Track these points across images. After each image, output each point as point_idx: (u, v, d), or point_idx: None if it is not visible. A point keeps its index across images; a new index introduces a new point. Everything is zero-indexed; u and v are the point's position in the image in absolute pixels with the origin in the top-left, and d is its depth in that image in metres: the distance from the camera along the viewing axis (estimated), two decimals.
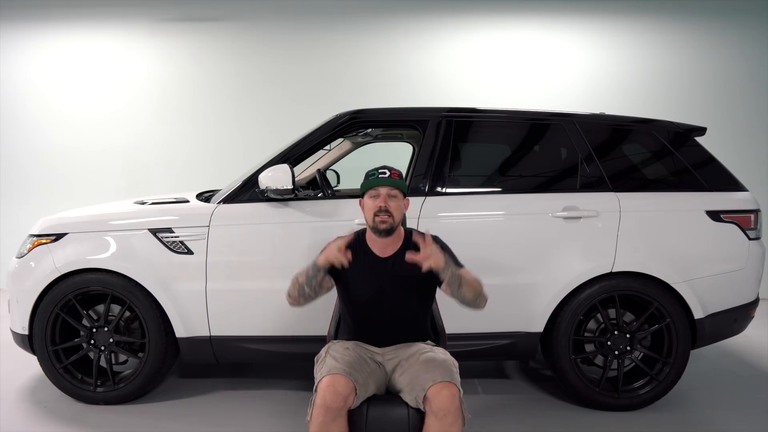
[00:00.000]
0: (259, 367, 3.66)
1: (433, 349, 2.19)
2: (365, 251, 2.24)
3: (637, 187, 3.11)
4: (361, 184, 2.26)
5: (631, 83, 5.64)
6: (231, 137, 5.74)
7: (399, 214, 2.20)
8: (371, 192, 2.20)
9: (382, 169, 2.23)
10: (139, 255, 2.92)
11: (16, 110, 5.74)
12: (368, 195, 2.21)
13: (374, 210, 2.17)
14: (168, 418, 2.95)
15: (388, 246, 2.23)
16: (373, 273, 2.21)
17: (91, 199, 4.97)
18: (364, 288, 2.22)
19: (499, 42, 5.70)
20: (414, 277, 2.16)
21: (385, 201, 2.16)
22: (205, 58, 5.72)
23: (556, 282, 2.92)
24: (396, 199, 2.19)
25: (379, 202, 2.16)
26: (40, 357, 3.02)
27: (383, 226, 2.16)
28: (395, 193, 2.19)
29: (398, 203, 2.19)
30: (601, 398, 3.01)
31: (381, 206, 2.15)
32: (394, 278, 2.20)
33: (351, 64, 5.71)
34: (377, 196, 2.18)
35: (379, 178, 2.20)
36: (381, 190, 2.18)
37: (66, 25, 5.69)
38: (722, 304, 3.03)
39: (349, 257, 2.07)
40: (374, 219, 2.17)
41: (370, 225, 2.20)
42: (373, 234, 2.21)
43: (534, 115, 3.22)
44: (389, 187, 2.19)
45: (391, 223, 2.16)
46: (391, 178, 2.20)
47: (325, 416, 1.90)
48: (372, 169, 2.26)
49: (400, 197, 2.21)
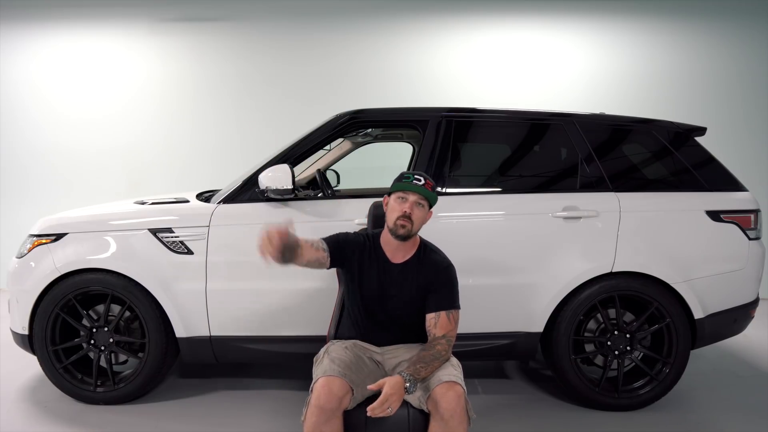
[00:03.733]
0: (259, 367, 3.66)
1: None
2: (377, 251, 2.25)
3: (637, 187, 3.11)
4: (394, 180, 2.24)
5: (631, 83, 5.64)
6: (231, 137, 5.74)
7: (419, 223, 2.19)
8: (400, 194, 2.18)
9: (418, 175, 2.20)
10: (139, 255, 2.92)
11: (16, 110, 5.74)
12: (396, 196, 2.19)
13: (398, 213, 2.14)
14: (168, 418, 2.95)
15: (400, 251, 2.23)
16: (381, 275, 2.22)
17: (91, 199, 4.97)
18: (370, 288, 2.22)
19: (499, 42, 5.70)
20: (419, 288, 2.18)
21: (411, 207, 2.14)
22: (205, 58, 5.72)
23: (556, 282, 2.92)
24: (422, 209, 2.17)
25: (405, 207, 2.14)
26: (40, 357, 3.02)
27: (402, 231, 2.14)
28: (423, 203, 2.18)
29: (422, 212, 2.18)
30: (601, 398, 3.01)
31: (406, 211, 2.13)
32: (401, 286, 2.21)
33: (351, 64, 5.71)
34: (405, 200, 2.16)
35: (412, 183, 2.17)
36: (410, 197, 2.16)
37: (66, 25, 5.69)
38: (722, 304, 3.03)
39: (274, 254, 1.94)
40: (395, 222, 2.15)
41: (390, 226, 2.19)
42: (390, 235, 2.20)
43: (534, 115, 3.21)
44: (419, 196, 2.16)
45: (409, 230, 2.15)
46: (424, 187, 2.17)
47: (319, 417, 1.90)
48: (408, 172, 2.23)
49: (426, 208, 2.20)
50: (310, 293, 2.91)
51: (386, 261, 2.23)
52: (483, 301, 2.91)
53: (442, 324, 2.13)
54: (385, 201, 2.26)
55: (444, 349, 2.08)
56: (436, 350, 2.06)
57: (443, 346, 2.09)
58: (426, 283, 2.20)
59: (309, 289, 2.91)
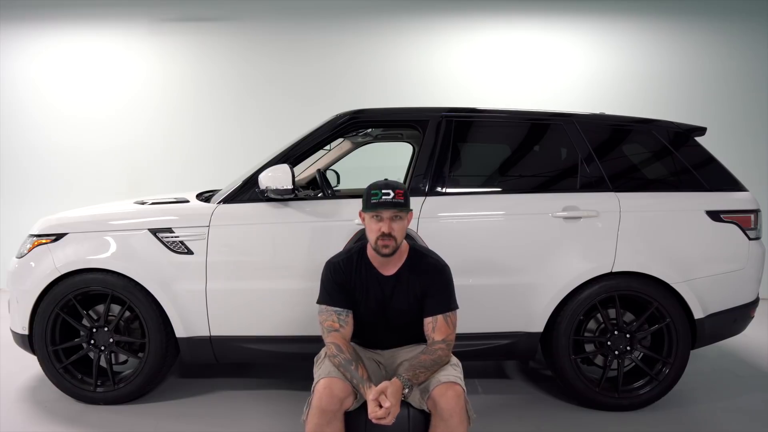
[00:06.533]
0: (259, 367, 3.66)
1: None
2: (367, 267, 2.18)
3: (637, 187, 3.11)
4: (363, 198, 2.14)
5: (631, 83, 5.64)
6: (231, 137, 5.74)
7: (402, 234, 2.10)
8: (373, 214, 2.08)
9: (386, 189, 2.06)
10: (139, 255, 2.92)
11: (16, 110, 5.74)
12: (370, 215, 2.09)
13: (377, 234, 2.07)
14: (168, 418, 2.95)
15: (389, 263, 2.17)
16: (376, 291, 2.17)
17: (91, 199, 4.96)
18: (368, 306, 2.18)
19: (499, 42, 5.70)
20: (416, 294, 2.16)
21: (389, 226, 2.05)
22: (205, 58, 5.72)
23: (556, 282, 2.92)
24: (400, 220, 2.08)
25: (383, 228, 2.05)
26: (40, 357, 3.02)
27: (386, 251, 2.08)
28: (400, 214, 2.08)
29: (402, 224, 2.09)
30: (601, 398, 3.01)
31: (383, 232, 2.05)
32: (398, 296, 2.17)
33: (351, 64, 5.71)
34: (380, 219, 2.06)
35: (382, 200, 2.05)
36: (384, 214, 2.05)
37: (66, 25, 5.69)
38: (722, 304, 3.03)
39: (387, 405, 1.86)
40: (377, 242, 2.07)
41: (372, 246, 2.12)
42: (375, 253, 2.14)
43: (534, 115, 3.21)
44: (393, 211, 2.06)
45: (393, 247, 2.08)
46: (395, 200, 2.05)
47: (320, 418, 1.90)
48: (374, 187, 2.10)
49: (404, 215, 2.10)
50: (310, 293, 2.89)
51: (378, 275, 2.18)
52: (483, 301, 2.91)
53: (440, 328, 2.11)
54: (361, 216, 2.17)
55: (444, 353, 2.07)
56: (437, 355, 2.04)
57: (443, 351, 2.07)
58: (422, 288, 2.16)
59: (309, 289, 2.89)
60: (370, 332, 2.25)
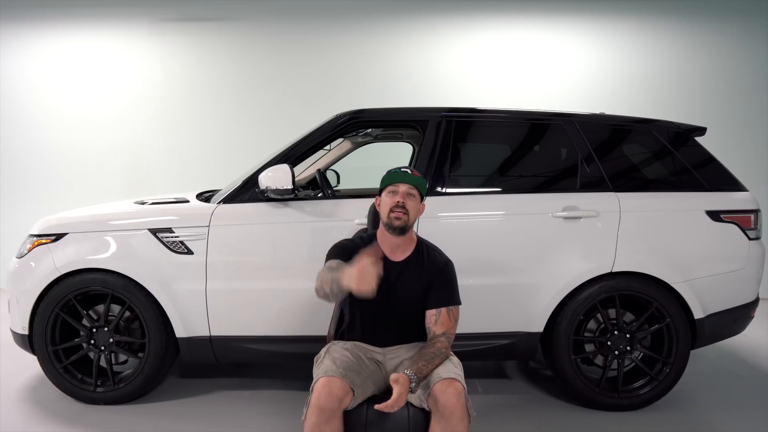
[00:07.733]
0: (259, 367, 3.66)
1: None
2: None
3: (637, 187, 3.11)
4: (381, 179, 2.26)
5: (631, 83, 5.64)
6: (231, 137, 5.74)
7: (414, 214, 2.20)
8: (390, 188, 2.20)
9: (404, 168, 2.26)
10: (139, 255, 2.92)
11: (16, 110, 5.74)
12: (387, 191, 2.21)
13: (391, 205, 2.16)
14: (168, 418, 2.95)
15: (398, 248, 2.23)
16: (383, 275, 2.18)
17: (91, 199, 4.97)
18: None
19: (499, 42, 5.70)
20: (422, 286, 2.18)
21: (403, 197, 2.16)
22: (205, 58, 5.72)
23: (556, 282, 2.92)
24: (414, 198, 2.19)
25: (398, 198, 2.16)
26: (40, 357, 3.02)
27: (398, 223, 2.15)
28: (414, 192, 2.20)
29: (415, 203, 2.19)
30: (601, 398, 3.01)
31: (399, 202, 2.15)
32: (403, 284, 2.20)
33: (351, 64, 5.71)
34: (396, 192, 2.18)
35: (399, 173, 2.21)
36: (400, 187, 2.18)
37: (66, 25, 5.69)
38: (722, 304, 3.03)
39: (380, 270, 1.91)
40: (389, 215, 2.16)
41: (385, 221, 2.19)
42: (387, 230, 2.20)
43: (534, 115, 3.21)
44: (409, 185, 2.19)
45: (405, 221, 2.15)
46: (412, 175, 2.21)
47: (319, 417, 1.90)
48: (393, 168, 2.27)
49: (418, 198, 2.21)
50: (310, 293, 2.89)
51: (386, 259, 2.21)
52: (483, 301, 2.91)
53: (443, 321, 2.15)
54: (377, 202, 2.28)
55: (444, 346, 2.09)
56: (437, 348, 2.07)
57: (443, 343, 2.10)
58: (427, 281, 2.20)
59: (309, 289, 2.88)
60: (370, 326, 2.25)
